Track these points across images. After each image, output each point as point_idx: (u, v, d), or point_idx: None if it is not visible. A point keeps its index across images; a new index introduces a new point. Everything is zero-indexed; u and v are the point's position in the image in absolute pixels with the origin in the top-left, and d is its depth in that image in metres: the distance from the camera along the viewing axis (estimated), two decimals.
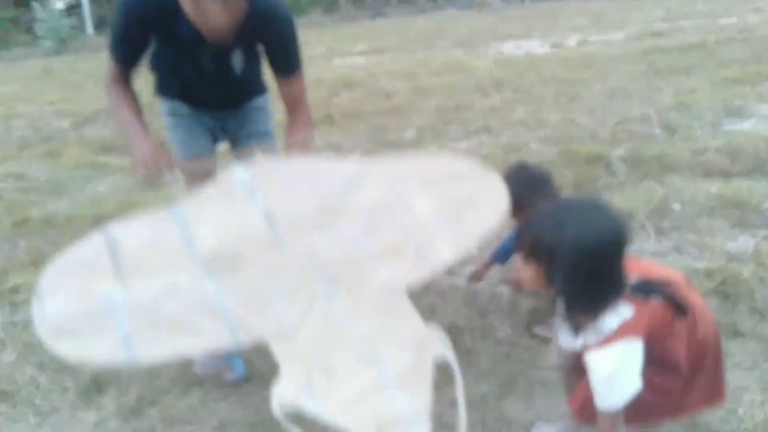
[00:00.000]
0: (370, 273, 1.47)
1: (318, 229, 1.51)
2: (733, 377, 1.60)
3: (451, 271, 2.34)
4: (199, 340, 1.32)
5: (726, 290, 1.99)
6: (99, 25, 21.75)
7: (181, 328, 1.32)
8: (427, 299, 2.13)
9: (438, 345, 1.38)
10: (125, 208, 3.07)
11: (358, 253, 1.49)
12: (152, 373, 1.88)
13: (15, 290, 2.48)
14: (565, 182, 3.07)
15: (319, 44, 11.92)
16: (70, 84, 9.02)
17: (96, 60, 11.92)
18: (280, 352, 1.35)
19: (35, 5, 17.68)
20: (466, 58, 7.99)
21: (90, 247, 1.41)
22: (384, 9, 22.34)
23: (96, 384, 1.86)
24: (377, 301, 1.43)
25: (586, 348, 1.22)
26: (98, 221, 2.58)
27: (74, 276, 1.37)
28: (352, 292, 1.43)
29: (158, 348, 1.30)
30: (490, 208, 1.63)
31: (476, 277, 2.14)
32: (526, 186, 1.89)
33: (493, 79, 6.05)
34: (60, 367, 1.94)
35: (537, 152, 3.64)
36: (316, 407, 1.24)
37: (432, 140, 4.11)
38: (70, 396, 1.83)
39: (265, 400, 1.66)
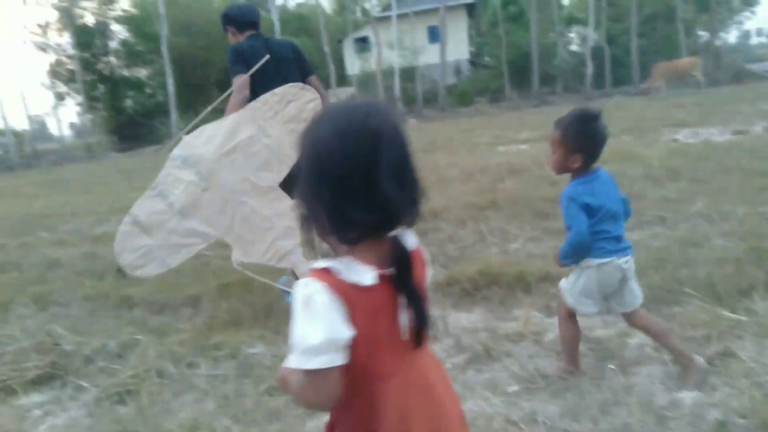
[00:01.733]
0: (257, 182, 3.04)
1: (224, 169, 3.02)
2: None
3: (625, 371, 2.25)
4: (194, 248, 3.05)
5: None
6: None
7: (184, 245, 3.04)
8: (599, 396, 2.06)
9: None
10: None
11: (248, 172, 3.04)
12: None
13: (218, 347, 2.77)
14: (755, 282, 2.81)
15: (485, 132, 12.29)
16: None
17: None
18: (229, 239, 3.04)
19: None
20: (636, 145, 7.71)
21: (126, 225, 3.02)
22: (549, 97, 22.52)
23: None
24: (265, 195, 3.05)
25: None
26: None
27: (127, 238, 3.02)
28: (251, 196, 3.03)
29: (179, 258, 3.05)
30: (309, 108, 3.07)
31: None
32: None
33: (666, 167, 5.76)
34: (251, 420, 2.18)
35: (721, 248, 3.37)
36: (249, 258, 3.03)
37: None
38: None
39: None
